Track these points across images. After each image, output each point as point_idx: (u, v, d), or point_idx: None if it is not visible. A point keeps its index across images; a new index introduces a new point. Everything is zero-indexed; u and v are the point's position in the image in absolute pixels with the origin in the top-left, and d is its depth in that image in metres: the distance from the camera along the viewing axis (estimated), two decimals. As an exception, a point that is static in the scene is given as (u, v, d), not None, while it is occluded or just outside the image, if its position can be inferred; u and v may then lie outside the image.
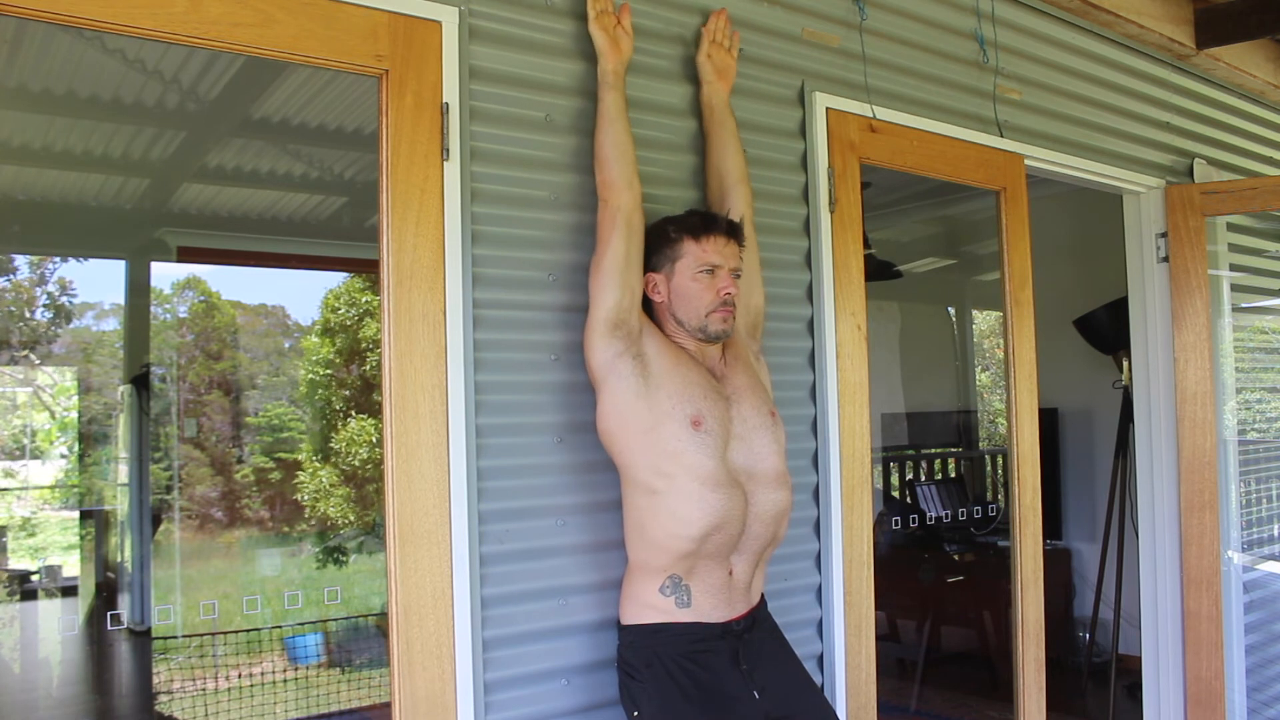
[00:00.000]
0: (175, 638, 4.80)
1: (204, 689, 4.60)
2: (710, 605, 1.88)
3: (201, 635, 4.84)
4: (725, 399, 1.94)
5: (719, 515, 1.85)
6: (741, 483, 1.90)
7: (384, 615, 2.22)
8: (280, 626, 5.10)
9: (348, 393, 7.63)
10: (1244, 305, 3.65)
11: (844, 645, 2.39)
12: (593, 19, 2.03)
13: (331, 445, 7.43)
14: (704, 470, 1.85)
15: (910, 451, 5.71)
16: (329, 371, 7.74)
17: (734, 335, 2.06)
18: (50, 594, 5.15)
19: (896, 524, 4.93)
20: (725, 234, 1.95)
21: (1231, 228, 3.57)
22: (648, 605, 1.88)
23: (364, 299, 7.62)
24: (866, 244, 3.08)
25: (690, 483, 1.84)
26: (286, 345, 8.70)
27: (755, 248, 2.18)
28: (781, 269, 2.38)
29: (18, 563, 6.01)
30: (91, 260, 6.16)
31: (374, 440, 7.10)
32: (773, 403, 2.04)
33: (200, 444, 7.30)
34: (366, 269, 6.45)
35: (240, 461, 7.50)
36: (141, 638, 4.64)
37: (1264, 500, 3.64)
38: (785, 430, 2.05)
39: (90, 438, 6.26)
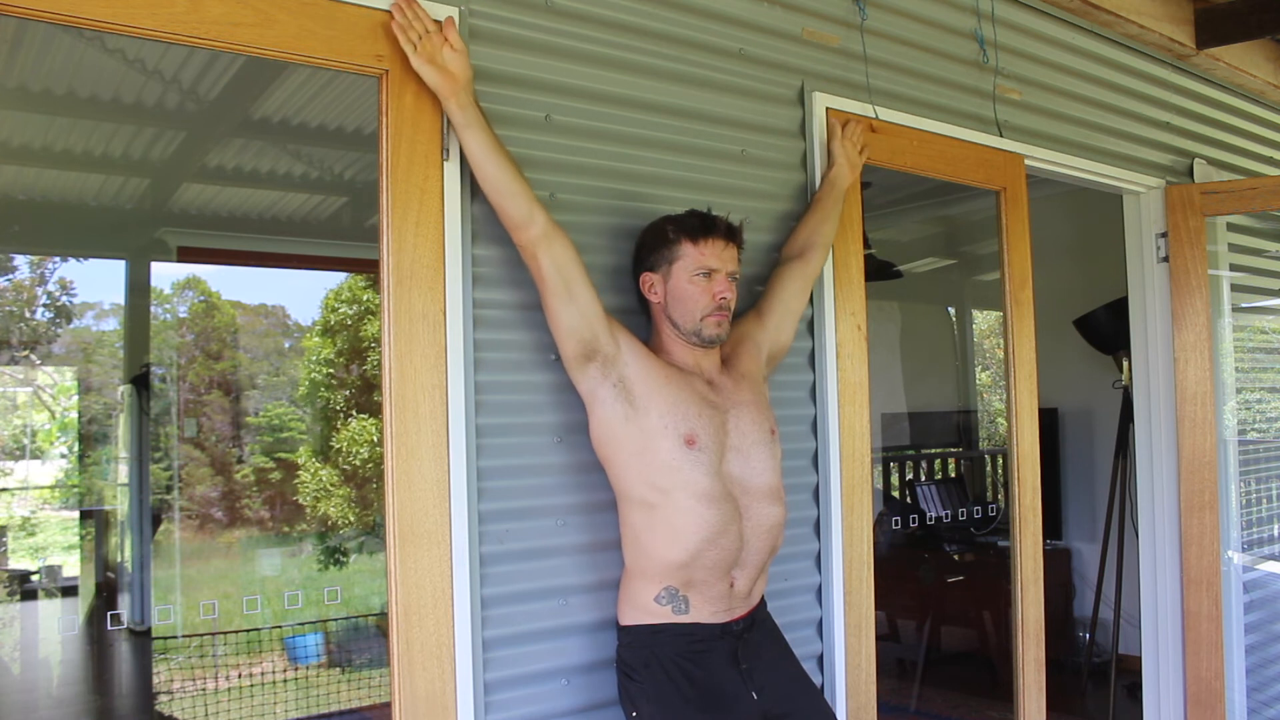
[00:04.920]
0: (175, 638, 4.80)
1: (204, 689, 4.60)
2: (710, 612, 1.88)
3: (201, 635, 4.84)
4: (722, 410, 1.93)
5: (714, 529, 1.84)
6: (736, 496, 1.89)
7: (384, 615, 2.22)
8: (280, 626, 5.11)
9: (348, 392, 7.63)
10: (1244, 305, 3.65)
11: (844, 645, 2.39)
12: (412, 54, 1.75)
13: (332, 445, 7.44)
14: (699, 486, 1.84)
15: (910, 451, 5.71)
16: (330, 371, 7.74)
17: (748, 354, 2.06)
18: (50, 594, 5.15)
19: (896, 524, 4.93)
20: (724, 237, 1.94)
21: (1231, 228, 3.56)
22: (645, 610, 1.88)
23: (364, 297, 7.62)
24: (866, 244, 3.08)
25: (686, 499, 1.84)
26: (286, 345, 8.70)
27: (805, 295, 2.25)
28: (781, 269, 2.38)
29: (18, 563, 6.01)
30: (91, 260, 6.17)
31: (374, 440, 7.10)
32: (774, 421, 2.03)
33: (200, 444, 7.30)
34: (366, 269, 6.46)
35: (240, 461, 7.50)
36: (141, 638, 4.64)
37: (1264, 500, 3.64)
38: (783, 447, 2.05)
39: (90, 438, 6.26)
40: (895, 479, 5.47)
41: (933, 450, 5.80)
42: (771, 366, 2.18)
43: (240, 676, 4.73)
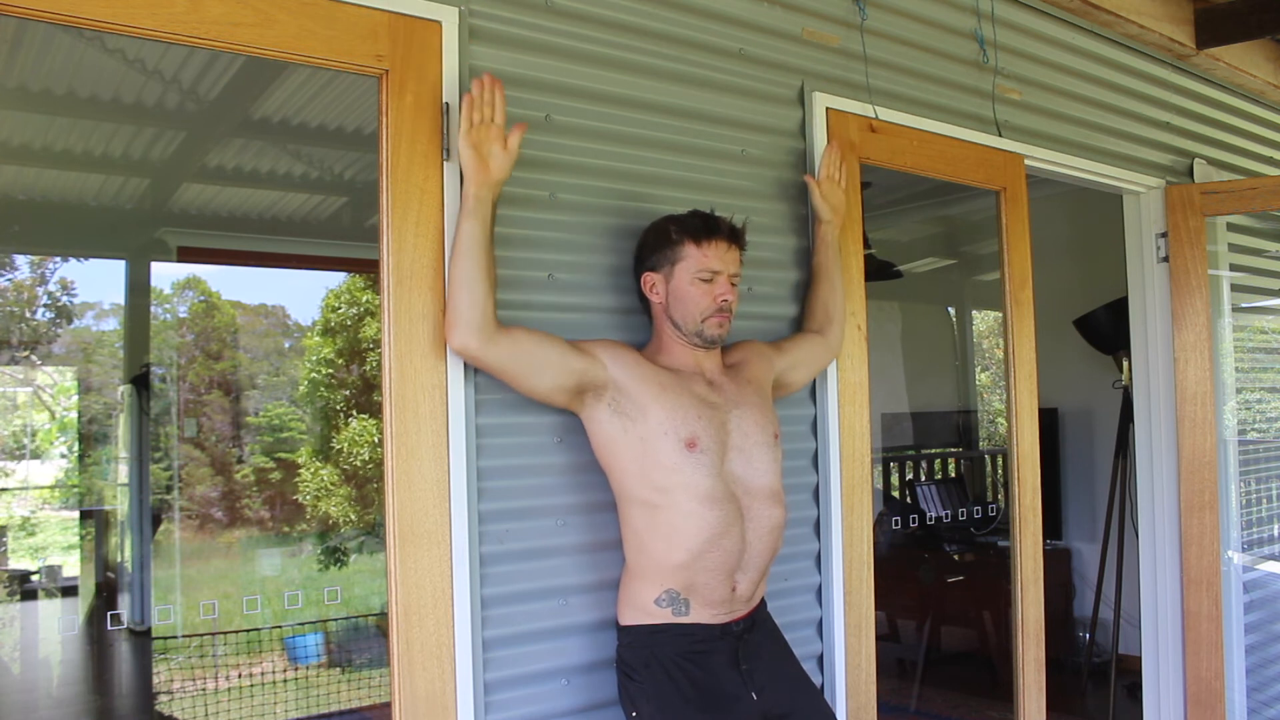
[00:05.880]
0: (175, 638, 4.80)
1: (204, 689, 4.60)
2: (710, 615, 1.89)
3: (201, 635, 4.84)
4: (723, 410, 1.93)
5: (716, 530, 1.84)
6: (738, 496, 1.89)
7: (384, 615, 2.22)
8: (280, 626, 5.11)
9: (348, 392, 7.63)
10: (1244, 305, 3.65)
11: (844, 645, 2.39)
12: (464, 132, 1.75)
13: (332, 445, 7.44)
14: (701, 487, 1.84)
15: (910, 451, 5.72)
16: (330, 371, 7.74)
17: (759, 366, 2.07)
18: (50, 594, 5.15)
19: (896, 524, 4.93)
20: (727, 239, 1.94)
21: (1231, 228, 3.56)
22: (645, 611, 1.88)
23: (364, 298, 7.62)
24: (866, 244, 3.08)
25: (688, 500, 1.84)
26: (286, 345, 8.70)
27: (823, 361, 2.30)
28: (780, 269, 2.38)
29: (18, 563, 6.01)
30: (91, 260, 6.17)
31: (375, 440, 7.11)
32: (778, 427, 2.03)
33: (200, 444, 7.30)
34: (366, 269, 6.46)
35: (240, 461, 7.50)
36: (141, 638, 4.64)
37: (1264, 500, 3.64)
38: (784, 447, 2.06)
39: (90, 438, 6.26)
40: (895, 479, 5.47)
41: (933, 450, 5.80)
42: (774, 397, 2.19)
43: (240, 676, 4.73)
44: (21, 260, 6.32)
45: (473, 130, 1.76)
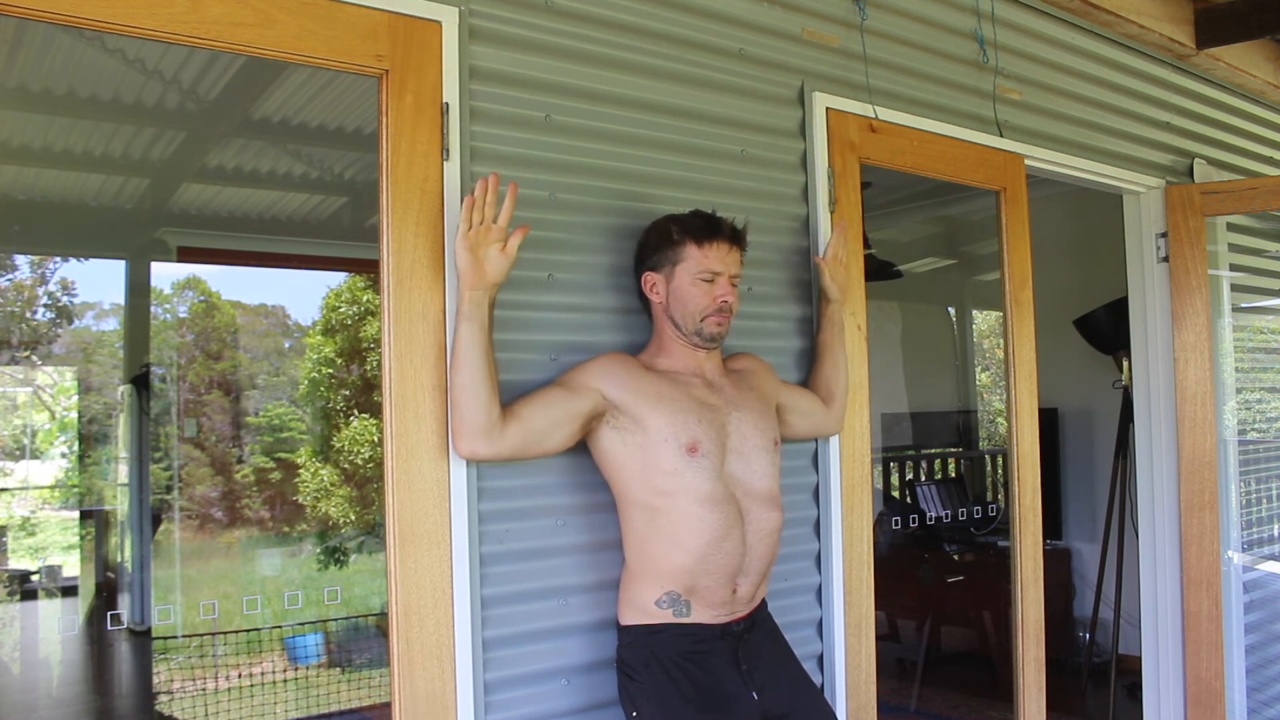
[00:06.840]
0: (175, 638, 4.80)
1: (204, 689, 4.60)
2: (711, 616, 1.89)
3: (201, 635, 4.84)
4: (722, 412, 1.93)
5: (717, 533, 1.85)
6: (738, 498, 1.89)
7: (384, 615, 2.22)
8: (280, 626, 5.11)
9: (348, 392, 7.63)
10: (1244, 305, 3.65)
11: (844, 645, 2.39)
12: (461, 234, 1.72)
13: (332, 445, 7.44)
14: (702, 490, 1.85)
15: (910, 451, 5.71)
16: (330, 371, 7.74)
17: (763, 381, 2.08)
18: (50, 594, 5.15)
19: (896, 524, 4.93)
20: (729, 241, 1.95)
21: (1231, 228, 3.56)
22: (645, 612, 1.88)
23: (364, 298, 7.62)
24: (866, 244, 3.08)
25: (689, 504, 1.84)
26: (286, 345, 8.70)
27: (818, 428, 2.31)
28: (781, 269, 2.38)
29: (18, 563, 6.01)
30: (91, 260, 6.16)
31: (375, 440, 7.11)
32: (779, 435, 2.03)
33: (200, 444, 7.30)
34: (366, 269, 6.46)
35: (240, 461, 7.50)
36: (141, 638, 4.64)
37: (1264, 500, 3.64)
38: (784, 447, 2.07)
39: (90, 438, 6.26)
40: (895, 479, 5.47)
41: (933, 450, 5.80)
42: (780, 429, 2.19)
43: (240, 676, 4.73)
44: (21, 260, 6.32)
45: (471, 232, 1.72)
